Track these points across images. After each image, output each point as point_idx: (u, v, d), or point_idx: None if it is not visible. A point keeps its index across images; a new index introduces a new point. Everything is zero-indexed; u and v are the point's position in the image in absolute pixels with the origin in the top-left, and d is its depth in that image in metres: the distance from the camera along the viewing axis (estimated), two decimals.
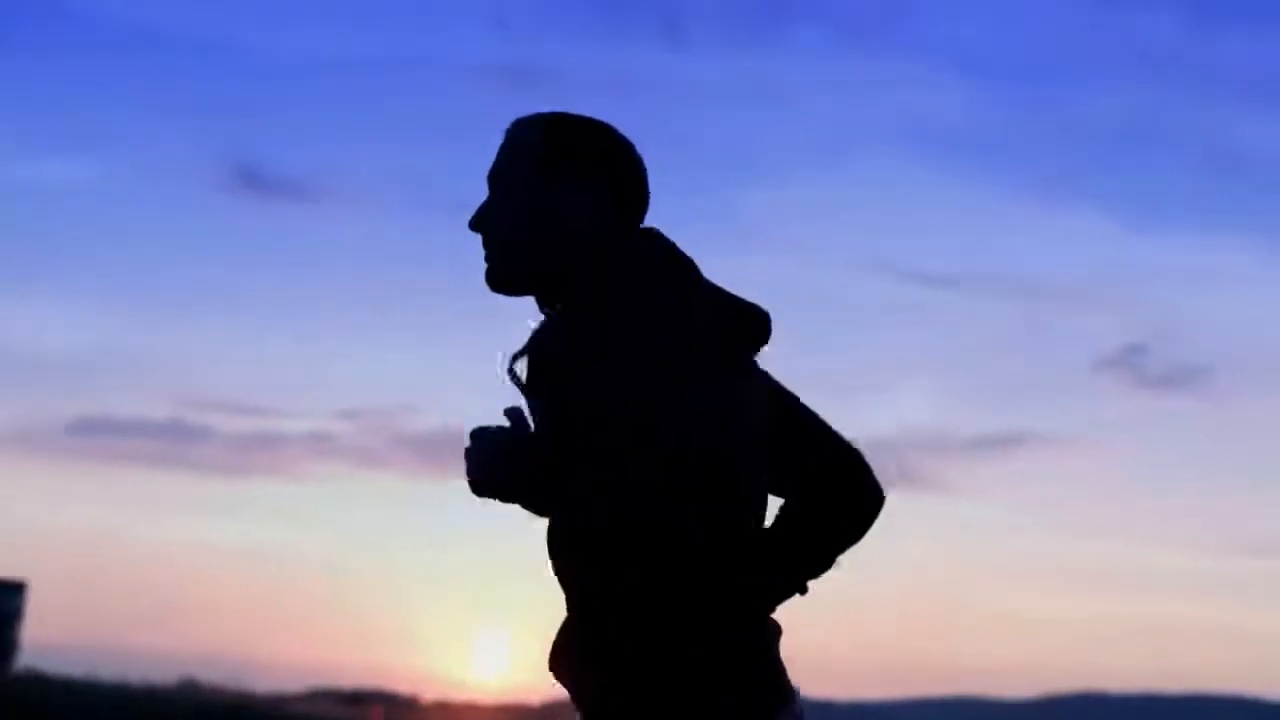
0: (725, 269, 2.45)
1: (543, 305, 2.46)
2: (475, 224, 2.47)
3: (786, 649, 2.39)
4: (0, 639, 31.82)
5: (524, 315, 2.46)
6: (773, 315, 2.41)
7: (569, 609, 2.36)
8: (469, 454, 2.33)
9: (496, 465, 2.30)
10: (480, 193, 2.53)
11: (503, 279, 2.45)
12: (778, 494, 2.44)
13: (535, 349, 2.31)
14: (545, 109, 2.50)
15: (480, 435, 2.34)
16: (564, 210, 2.41)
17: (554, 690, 2.46)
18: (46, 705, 20.66)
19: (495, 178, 2.48)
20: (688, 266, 2.39)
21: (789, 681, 2.36)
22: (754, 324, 2.40)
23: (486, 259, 2.46)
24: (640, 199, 2.47)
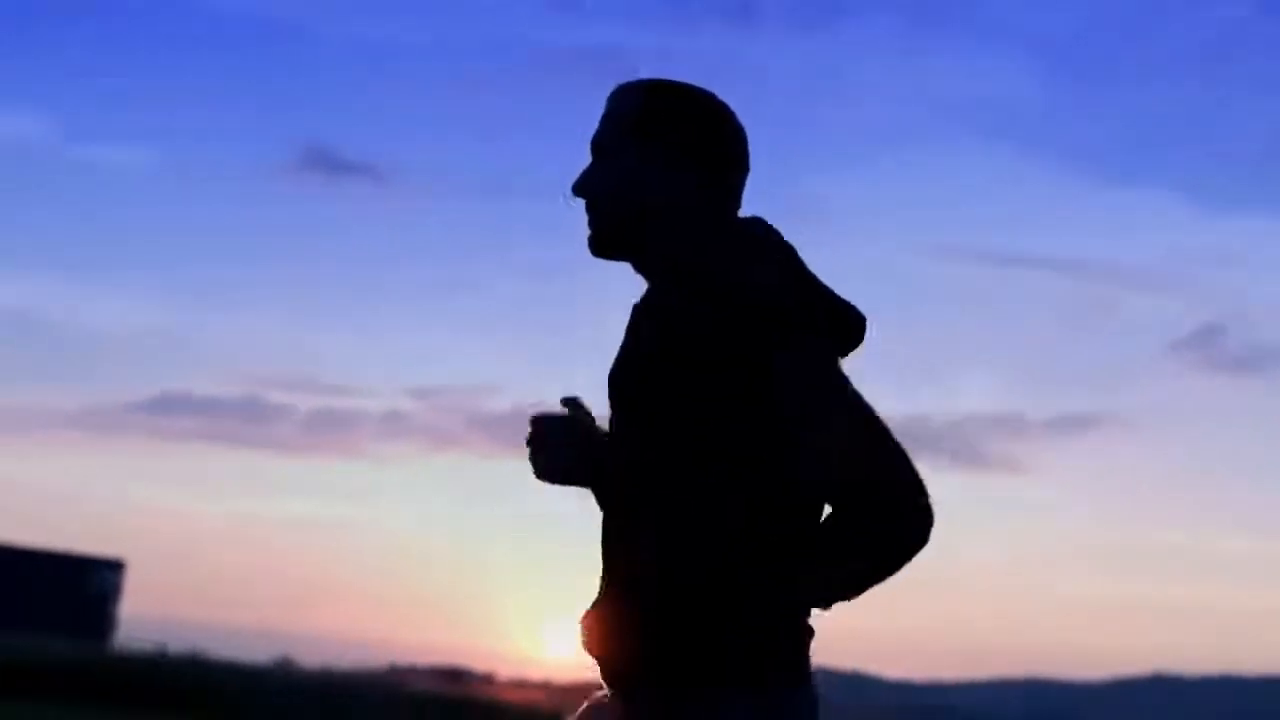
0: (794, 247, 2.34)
1: (641, 271, 2.43)
2: (578, 189, 2.44)
3: (861, 630, 7.26)
4: (99, 615, 32.99)
5: (602, 300, 2.47)
6: (848, 297, 2.31)
7: (615, 588, 2.32)
8: (533, 440, 2.36)
9: (563, 452, 2.34)
10: (553, 173, 3.59)
11: (601, 243, 2.42)
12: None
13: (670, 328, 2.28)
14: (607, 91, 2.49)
15: (541, 423, 2.36)
16: (662, 176, 2.38)
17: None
18: (146, 681, 21.26)
19: (597, 143, 2.45)
20: (795, 254, 2.33)
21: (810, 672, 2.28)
22: (856, 324, 2.32)
23: (589, 224, 2.43)
24: (740, 164, 2.43)
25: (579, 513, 2.39)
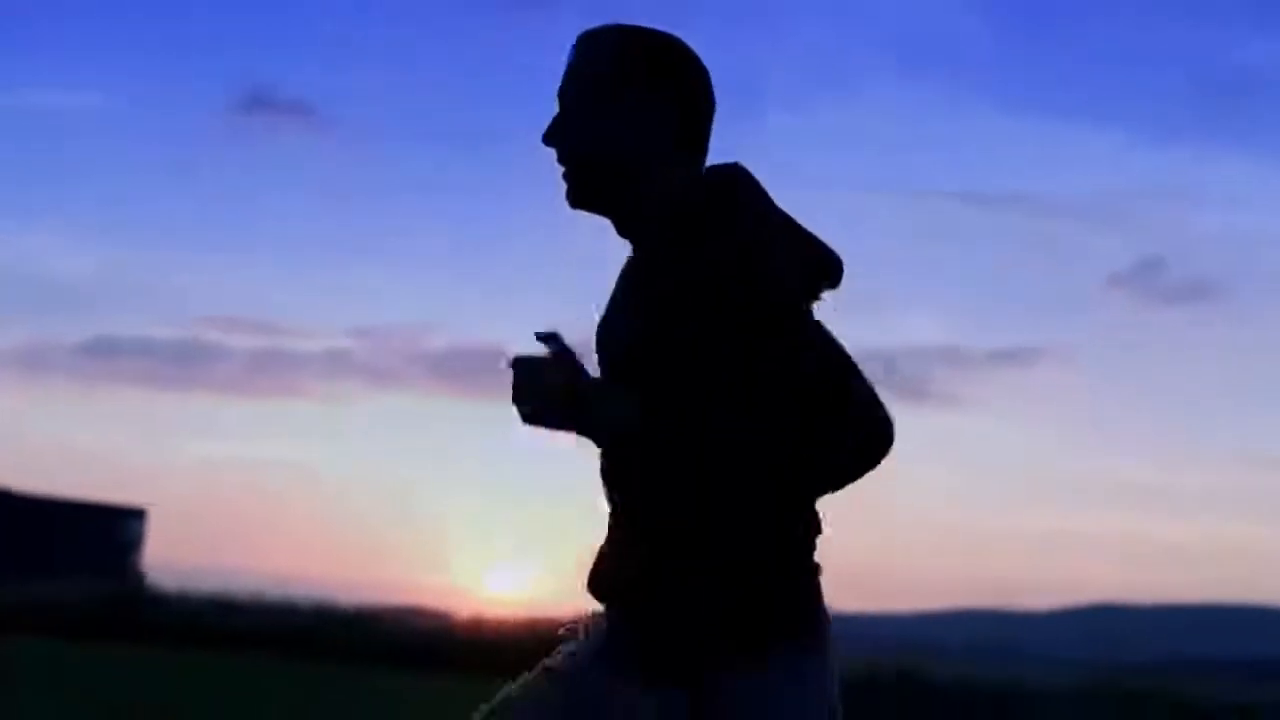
0: None
1: (620, 230, 2.42)
2: (548, 138, 2.41)
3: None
4: (122, 564, 32.99)
5: (538, 236, 5.42)
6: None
7: (626, 533, 2.36)
8: (518, 383, 2.29)
9: (552, 395, 2.28)
10: (492, 114, 10.72)
11: (582, 195, 2.40)
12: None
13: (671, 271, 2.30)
14: (550, 32, 8.56)
15: (524, 365, 2.29)
16: (637, 126, 2.36)
17: (580, 607, 2.44)
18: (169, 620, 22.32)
19: (565, 93, 2.42)
20: (773, 203, 2.35)
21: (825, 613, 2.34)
22: (835, 266, 2.36)
23: (565, 176, 2.41)
24: (710, 108, 2.43)
25: (525, 452, 2.41)
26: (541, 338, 2.33)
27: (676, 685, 2.32)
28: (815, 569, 2.35)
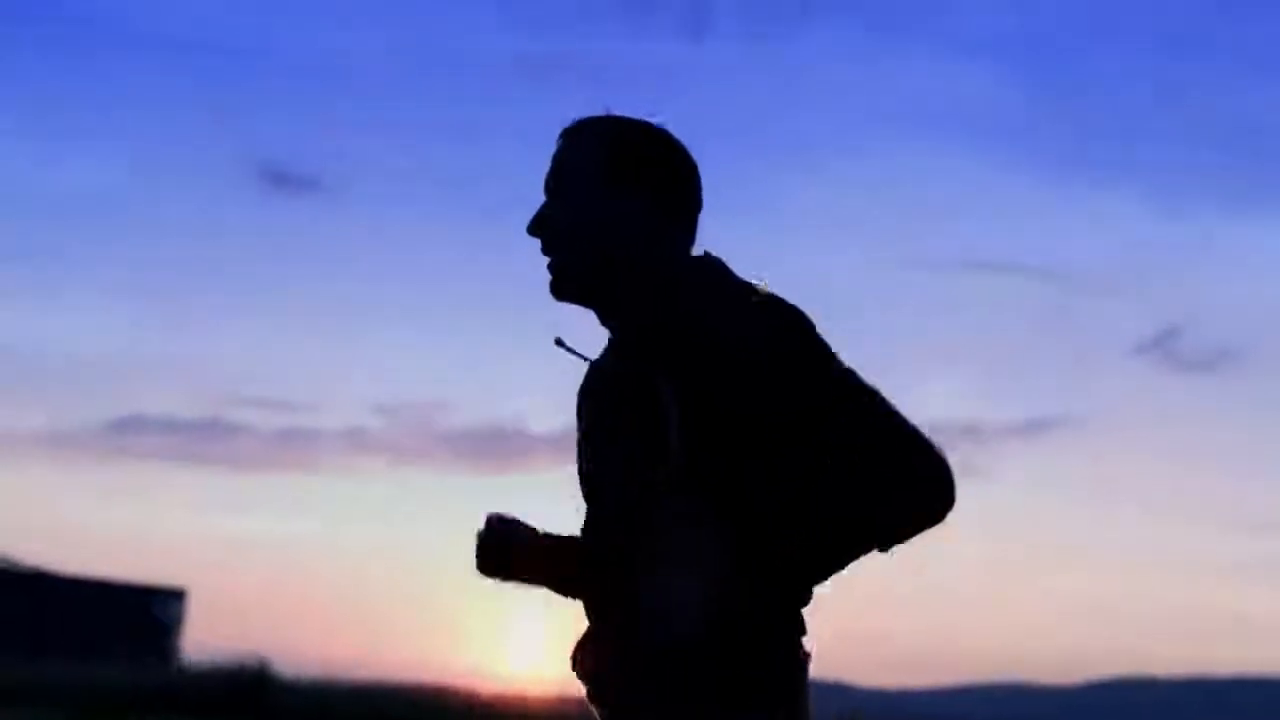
0: (754, 259, 2.35)
1: (604, 320, 2.40)
2: (534, 229, 2.40)
3: (835, 639, 2.37)
4: (162, 645, 33.15)
5: (558, 316, 2.42)
6: (804, 306, 2.28)
7: (602, 620, 2.33)
8: (488, 545, 2.34)
9: (527, 558, 2.33)
10: (505, 189, 6.46)
11: (566, 288, 2.39)
12: None
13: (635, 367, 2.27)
14: (566, 101, 2.46)
15: (498, 528, 2.34)
16: (623, 221, 2.34)
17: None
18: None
19: (552, 184, 2.41)
20: (751, 286, 2.29)
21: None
22: (807, 327, 2.27)
23: (549, 267, 2.39)
24: (696, 207, 2.41)
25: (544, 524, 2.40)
26: (559, 342, 2.40)
27: None
28: (799, 654, 2.28)
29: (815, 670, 2.32)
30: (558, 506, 2.41)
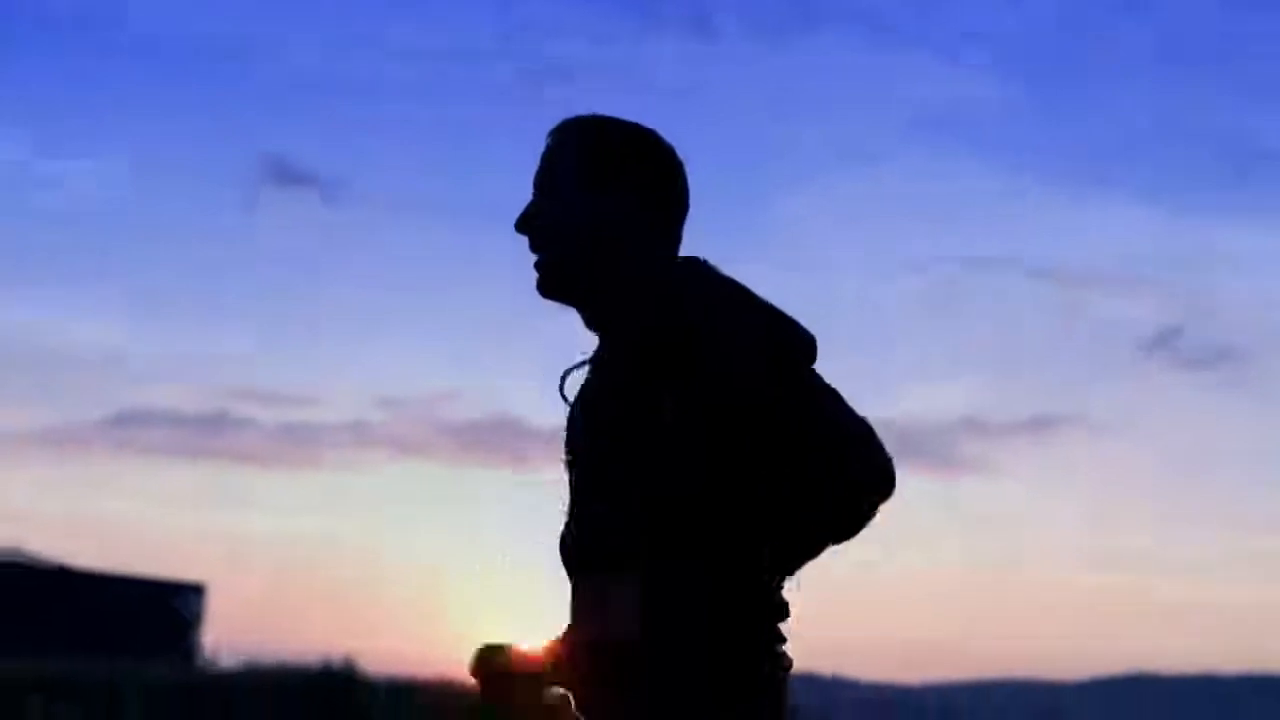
0: (761, 270, 2.32)
1: (590, 323, 2.40)
2: (521, 226, 2.40)
3: (838, 635, 6.29)
4: (183, 640, 31.74)
5: (561, 308, 2.42)
6: (808, 307, 2.27)
7: (582, 624, 2.31)
8: (483, 673, 2.29)
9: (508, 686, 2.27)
10: (505, 186, 2.74)
11: (553, 286, 2.39)
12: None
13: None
14: (566, 108, 2.45)
15: (494, 656, 2.28)
16: (610, 220, 2.34)
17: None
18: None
19: (541, 182, 2.41)
20: (745, 289, 2.28)
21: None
22: (807, 345, 2.27)
23: (536, 265, 2.40)
24: (682, 207, 2.41)
25: (548, 520, 2.39)
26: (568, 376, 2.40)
27: None
28: (779, 663, 2.27)
29: (819, 665, 2.03)
30: (560, 502, 2.40)
